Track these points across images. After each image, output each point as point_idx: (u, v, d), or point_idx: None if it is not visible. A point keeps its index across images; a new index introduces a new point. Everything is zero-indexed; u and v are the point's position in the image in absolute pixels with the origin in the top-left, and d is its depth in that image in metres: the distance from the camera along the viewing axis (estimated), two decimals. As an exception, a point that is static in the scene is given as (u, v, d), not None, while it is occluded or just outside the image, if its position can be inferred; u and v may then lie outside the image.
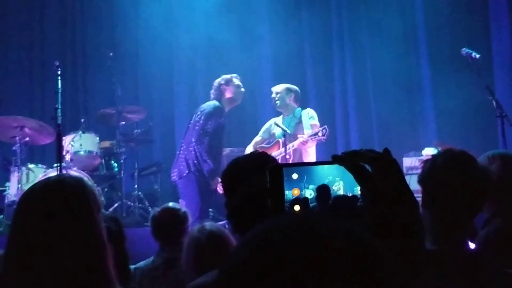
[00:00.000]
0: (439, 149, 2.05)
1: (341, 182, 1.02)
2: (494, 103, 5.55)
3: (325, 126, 5.95)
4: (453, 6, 7.81)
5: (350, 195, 1.02)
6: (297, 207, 1.01)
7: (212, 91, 6.32)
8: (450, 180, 1.83)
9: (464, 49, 5.81)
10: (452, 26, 7.76)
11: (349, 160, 0.97)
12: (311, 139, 5.93)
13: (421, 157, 6.39)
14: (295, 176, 1.02)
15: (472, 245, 1.99)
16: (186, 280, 3.18)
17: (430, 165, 1.91)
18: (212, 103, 6.20)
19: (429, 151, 6.34)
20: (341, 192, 1.02)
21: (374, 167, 0.96)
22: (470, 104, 7.25)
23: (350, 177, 0.97)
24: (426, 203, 1.87)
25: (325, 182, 1.02)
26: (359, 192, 1.01)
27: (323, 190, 1.02)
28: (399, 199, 0.95)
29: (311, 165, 1.08)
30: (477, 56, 5.68)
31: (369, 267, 0.67)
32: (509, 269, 1.81)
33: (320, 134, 5.87)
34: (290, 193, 1.02)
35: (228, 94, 6.26)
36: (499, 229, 2.43)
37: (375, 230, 0.94)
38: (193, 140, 6.06)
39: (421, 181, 1.92)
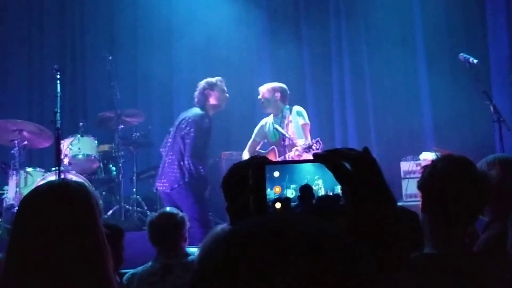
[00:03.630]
0: (438, 154, 2.06)
1: (321, 181, 1.04)
2: (492, 108, 5.56)
3: (318, 138, 5.73)
4: (451, 12, 7.84)
5: (332, 194, 1.03)
6: (278, 205, 1.03)
7: (196, 94, 6.13)
8: (450, 185, 1.84)
9: (462, 54, 5.83)
10: (449, 31, 7.79)
11: (329, 158, 0.98)
12: (306, 152, 5.71)
13: (419, 162, 6.41)
14: (276, 174, 1.04)
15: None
16: (184, 286, 3.19)
17: (430, 170, 1.92)
18: (199, 113, 5.99)
19: (426, 156, 6.35)
20: (322, 191, 1.04)
21: (353, 165, 0.97)
22: (467, 109, 7.27)
23: (330, 176, 0.99)
24: (426, 208, 1.88)
25: (306, 181, 1.03)
26: (340, 191, 1.02)
27: (306, 190, 1.03)
28: (378, 197, 0.96)
29: (293, 163, 1.10)
30: (475, 61, 5.69)
31: (339, 266, 0.67)
32: (509, 274, 1.82)
33: (314, 147, 5.62)
34: (272, 191, 1.04)
35: (212, 100, 6.06)
36: (499, 233, 2.44)
37: (355, 227, 0.95)
38: (188, 155, 5.84)
39: (420, 186, 1.93)
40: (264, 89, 6.31)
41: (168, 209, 4.03)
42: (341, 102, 8.32)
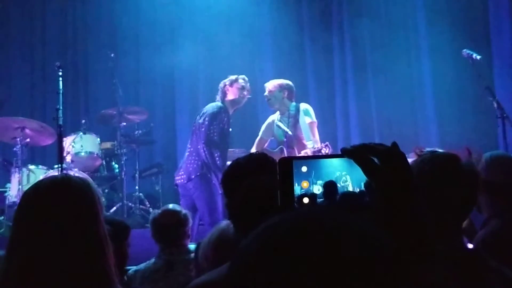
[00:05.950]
0: (420, 153, 2.02)
1: (349, 177, 1.03)
2: (495, 104, 5.54)
3: (327, 143, 5.73)
4: (454, 7, 7.82)
5: (358, 190, 1.03)
6: (306, 200, 1.02)
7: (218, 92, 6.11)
8: (436, 183, 1.83)
9: (465, 50, 5.81)
10: (453, 27, 7.76)
11: (358, 153, 0.97)
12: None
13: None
14: (304, 169, 1.03)
15: (470, 246, 2.00)
16: (186, 282, 3.18)
17: (416, 172, 1.90)
18: (215, 103, 5.99)
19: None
20: (349, 187, 1.03)
21: (382, 160, 0.97)
22: (471, 105, 7.25)
23: (358, 172, 0.98)
24: None
25: (333, 177, 1.03)
26: (364, 187, 1.02)
27: (330, 187, 1.02)
28: (407, 192, 0.96)
29: (320, 158, 1.09)
30: (478, 57, 5.67)
31: (377, 263, 0.68)
32: (505, 270, 1.81)
33: (323, 151, 5.61)
34: (299, 186, 1.03)
35: (230, 96, 6.01)
36: (496, 230, 2.44)
37: (382, 222, 0.95)
38: (202, 142, 5.76)
39: None
40: (271, 86, 6.22)
41: (171, 206, 4.01)
42: (343, 100, 8.31)
